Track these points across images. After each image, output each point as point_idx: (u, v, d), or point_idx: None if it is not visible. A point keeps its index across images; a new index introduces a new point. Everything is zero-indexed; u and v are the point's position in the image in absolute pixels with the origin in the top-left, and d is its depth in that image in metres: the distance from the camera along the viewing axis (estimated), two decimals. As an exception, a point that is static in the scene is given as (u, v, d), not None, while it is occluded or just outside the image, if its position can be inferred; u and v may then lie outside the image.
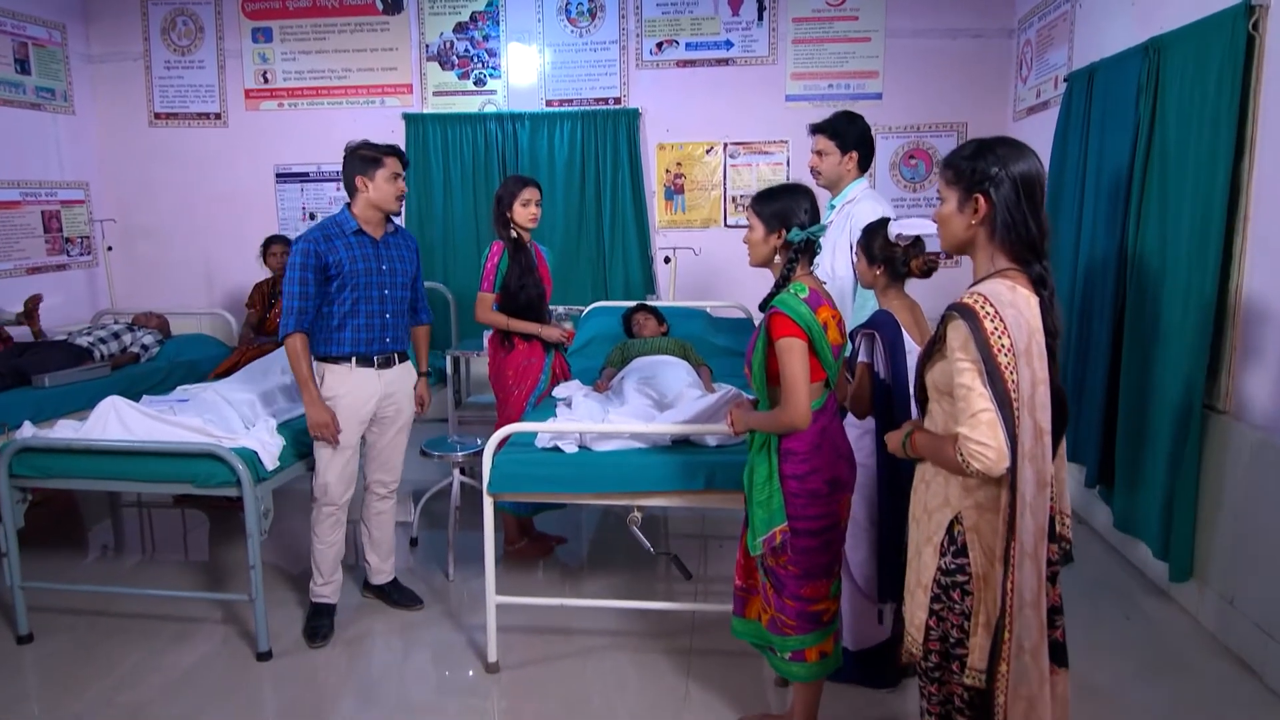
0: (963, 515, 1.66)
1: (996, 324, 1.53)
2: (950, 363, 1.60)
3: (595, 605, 3.21)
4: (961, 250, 1.72)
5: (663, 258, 5.41)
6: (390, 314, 3.05)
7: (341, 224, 2.96)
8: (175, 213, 6.03)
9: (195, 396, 3.48)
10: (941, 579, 1.69)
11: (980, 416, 1.53)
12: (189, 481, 2.86)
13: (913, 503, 1.83)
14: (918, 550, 1.76)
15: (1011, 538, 1.56)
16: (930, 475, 1.75)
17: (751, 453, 2.19)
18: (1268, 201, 2.81)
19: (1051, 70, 4.70)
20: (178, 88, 5.95)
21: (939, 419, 1.72)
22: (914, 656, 1.78)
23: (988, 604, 1.63)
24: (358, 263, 2.94)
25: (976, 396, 1.54)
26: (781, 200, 2.17)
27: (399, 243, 3.10)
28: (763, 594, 2.29)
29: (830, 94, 5.54)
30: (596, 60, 5.65)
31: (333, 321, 2.96)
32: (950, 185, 1.68)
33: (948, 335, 1.61)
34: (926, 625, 1.72)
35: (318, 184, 5.94)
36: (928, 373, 1.72)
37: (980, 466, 1.53)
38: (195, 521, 4.34)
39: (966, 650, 1.67)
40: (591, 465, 2.72)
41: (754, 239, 2.21)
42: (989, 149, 1.64)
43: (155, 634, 3.11)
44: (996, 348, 1.52)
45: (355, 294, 2.94)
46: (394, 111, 5.78)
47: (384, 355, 3.07)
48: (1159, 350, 3.27)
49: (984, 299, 1.56)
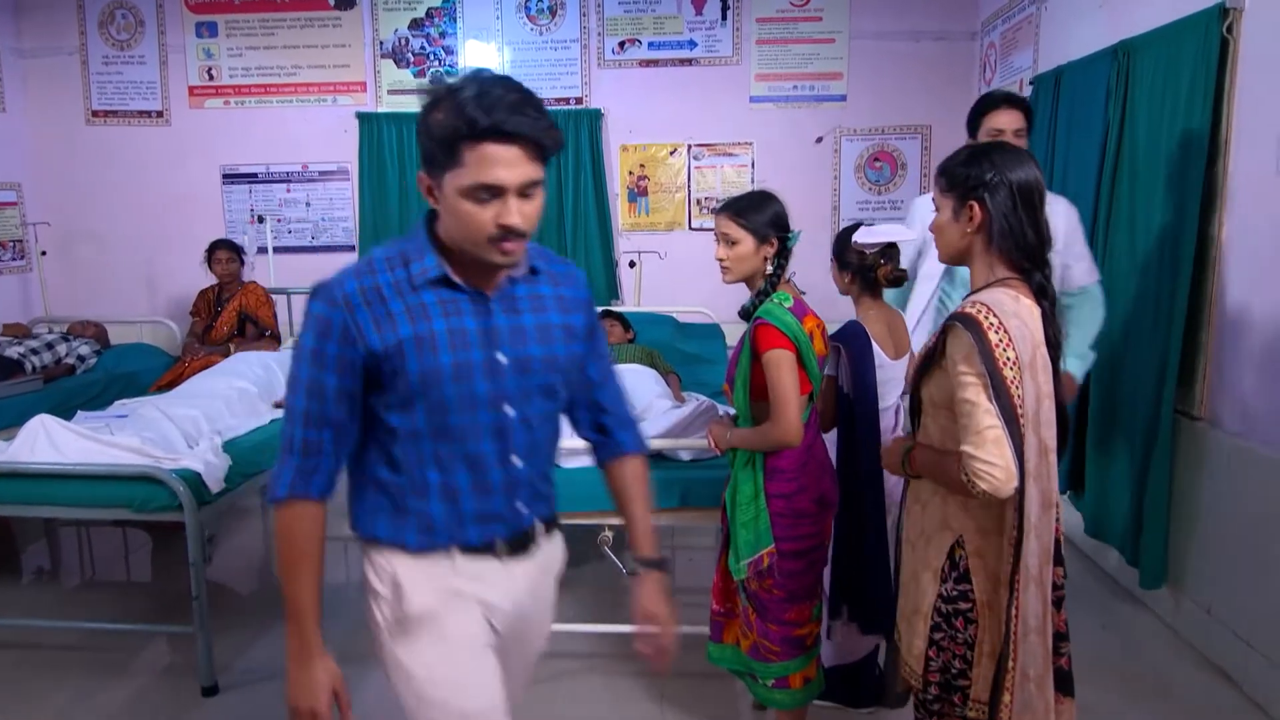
0: (964, 539, 1.57)
1: (1001, 335, 1.44)
2: (951, 376, 1.50)
3: (564, 629, 3.07)
4: (959, 260, 1.64)
5: (627, 262, 5.29)
6: (523, 452, 1.45)
7: (410, 260, 1.39)
8: (115, 215, 5.74)
9: (134, 412, 3.28)
10: (942, 606, 1.59)
11: (986, 434, 1.43)
12: (125, 506, 2.66)
13: (906, 525, 1.73)
14: (914, 575, 1.66)
15: (1016, 561, 1.47)
16: (927, 496, 1.65)
17: (734, 470, 2.08)
18: (1243, 206, 2.78)
19: (1016, 73, 4.69)
20: (117, 84, 5.67)
21: (934, 434, 1.63)
22: (913, 688, 1.68)
23: (992, 632, 1.55)
24: (443, 350, 1.34)
25: (982, 412, 1.44)
26: (769, 208, 2.05)
27: (542, 295, 1.46)
28: (743, 618, 2.18)
29: (795, 95, 5.48)
30: (557, 59, 5.51)
31: (404, 474, 1.42)
32: (945, 193, 1.60)
33: (948, 346, 1.51)
34: (926, 655, 1.62)
35: (267, 185, 5.71)
36: (924, 386, 1.62)
37: (987, 487, 1.43)
38: (138, 542, 4.11)
39: (969, 681, 1.57)
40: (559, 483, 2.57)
41: (742, 253, 2.04)
42: (983, 155, 1.56)
43: (89, 667, 2.90)
44: (1001, 360, 1.43)
45: (442, 416, 1.37)
46: (347, 111, 5.58)
47: (514, 535, 1.50)
48: (1129, 356, 3.25)
49: (987, 308, 1.47)
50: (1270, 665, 2.57)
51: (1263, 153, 2.67)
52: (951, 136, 5.44)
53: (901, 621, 1.72)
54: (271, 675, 2.85)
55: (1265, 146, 2.66)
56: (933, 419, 1.63)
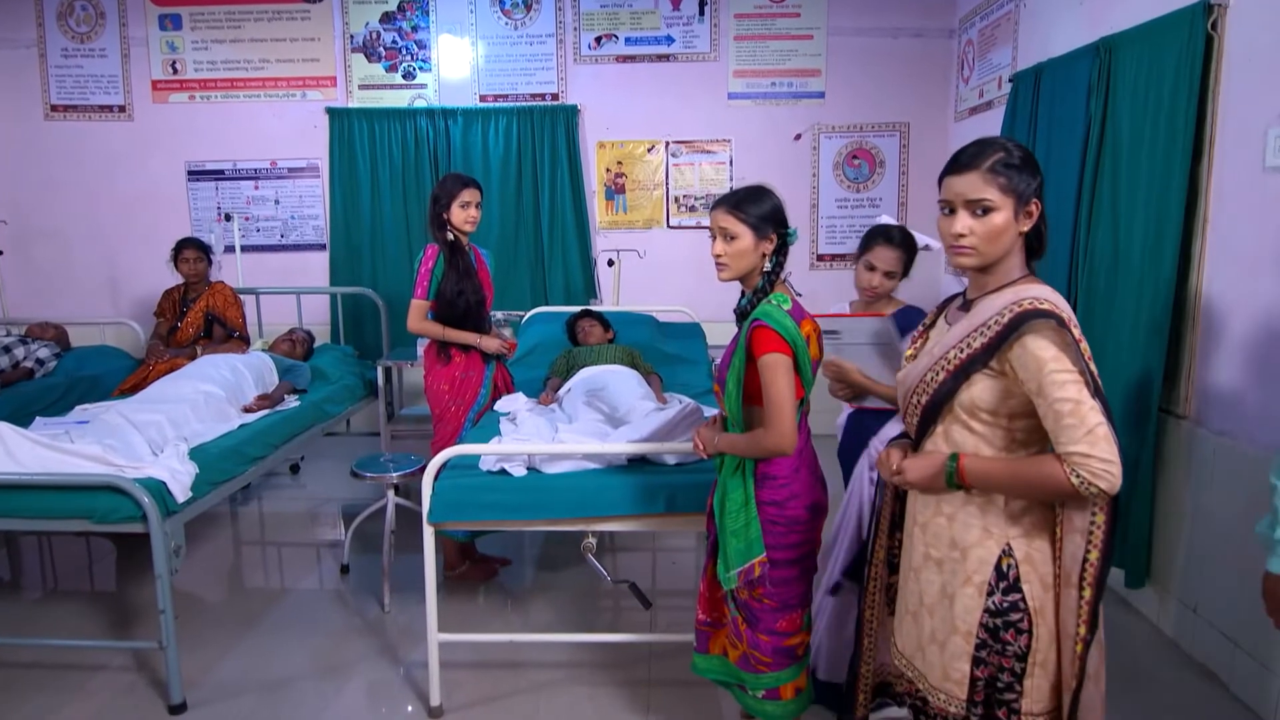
0: (1011, 547, 1.51)
1: (1078, 331, 1.42)
2: (1034, 377, 1.42)
3: (546, 640, 3.00)
4: (995, 262, 1.54)
5: (606, 260, 5.22)
6: None
7: None
8: (75, 213, 5.57)
9: (96, 418, 3.15)
10: (989, 621, 1.51)
11: (1098, 431, 1.37)
12: (86, 517, 2.54)
13: (922, 541, 1.63)
14: (946, 594, 1.57)
15: (1091, 558, 1.44)
16: (954, 507, 1.56)
17: (724, 475, 2.01)
18: (1228, 203, 2.77)
19: (995, 70, 4.67)
20: (77, 78, 5.49)
21: (966, 442, 1.53)
22: (954, 715, 1.58)
23: (1043, 640, 1.49)
24: None
25: (1089, 410, 1.38)
26: (768, 201, 1.96)
27: None
28: (733, 629, 2.12)
29: (773, 93, 5.43)
30: (533, 54, 5.42)
31: None
32: (1005, 193, 1.47)
33: (1027, 345, 1.42)
34: (972, 676, 1.53)
35: (234, 182, 5.56)
36: (961, 390, 1.52)
37: (1106, 486, 1.37)
38: (102, 551, 3.97)
39: (1017, 694, 1.50)
40: (542, 489, 2.51)
41: (740, 248, 1.94)
42: (1025, 149, 1.51)
43: (49, 685, 2.78)
44: (1088, 355, 1.41)
45: None
46: (316, 106, 5.45)
47: None
48: (1111, 355, 3.23)
49: (1053, 304, 1.43)
50: (1256, 664, 2.56)
51: (1249, 150, 2.66)
52: (930, 134, 5.45)
53: (927, 645, 1.60)
54: (242, 691, 2.75)
55: (1251, 144, 2.64)
56: (963, 426, 1.54)
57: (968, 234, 1.50)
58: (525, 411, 3.11)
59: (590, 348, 3.77)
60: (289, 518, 4.47)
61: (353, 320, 5.48)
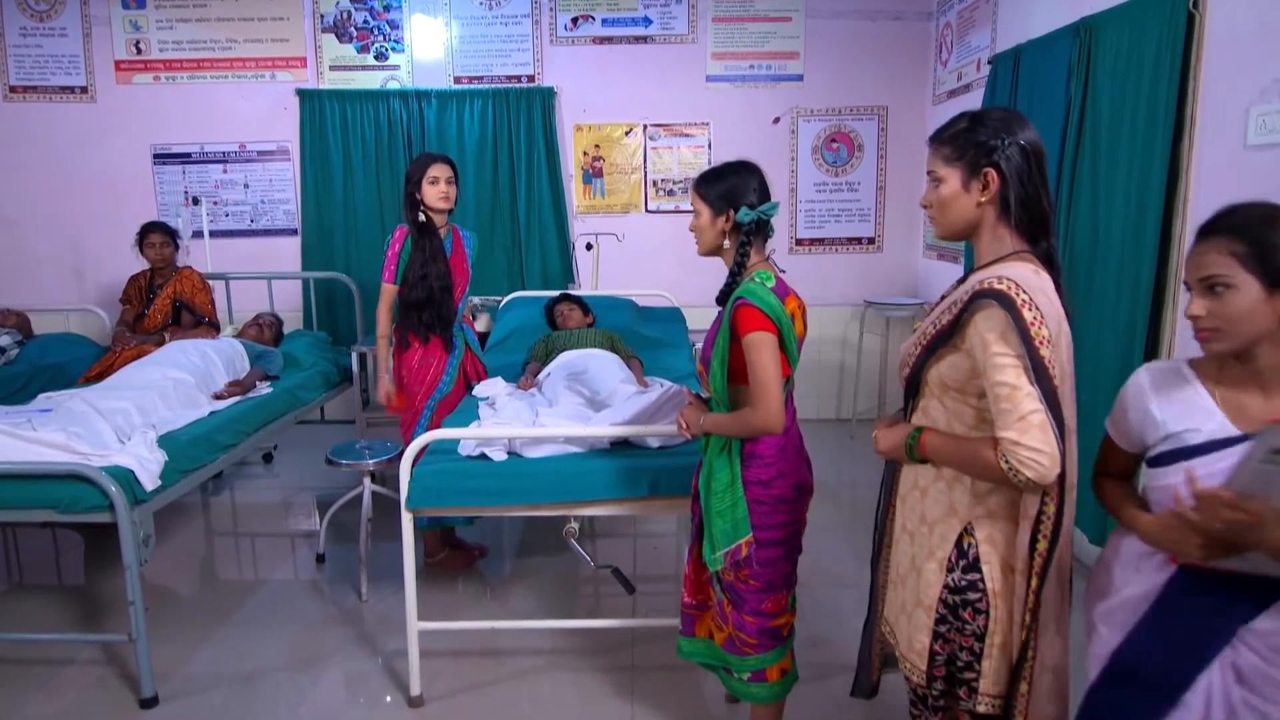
0: (974, 525, 1.49)
1: (1034, 313, 1.35)
2: (979, 356, 1.40)
3: (527, 627, 2.96)
4: (962, 235, 1.53)
5: (584, 244, 5.16)
6: None
7: None
8: (37, 198, 5.40)
9: (60, 406, 3.05)
10: (949, 598, 1.50)
11: (1030, 419, 1.34)
12: (50, 507, 2.46)
13: (902, 513, 1.64)
14: (914, 567, 1.58)
15: (1041, 548, 1.40)
16: (927, 482, 1.56)
17: (709, 456, 1.98)
18: (1208, 184, 2.77)
19: (973, 53, 4.66)
20: (36, 58, 5.32)
21: (939, 417, 1.53)
22: (913, 684, 1.60)
23: (1003, 622, 1.47)
24: None
25: (1024, 396, 1.34)
26: (728, 179, 1.96)
27: None
28: (718, 611, 2.09)
29: (751, 75, 5.39)
30: (508, 35, 5.33)
31: None
32: (950, 163, 1.48)
33: (976, 325, 1.40)
34: (931, 650, 1.53)
35: (201, 165, 5.42)
36: (931, 365, 1.51)
37: (1034, 475, 1.34)
38: (69, 543, 3.87)
39: (976, 674, 1.49)
40: (523, 474, 2.46)
41: (701, 224, 1.98)
42: (986, 117, 1.47)
43: (15, 680, 2.69)
44: (1038, 340, 1.34)
45: None
46: (286, 87, 5.32)
47: None
48: (1091, 336, 3.24)
49: (1015, 285, 1.37)
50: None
51: (1230, 128, 2.66)
52: (908, 118, 5.43)
53: (899, 616, 1.63)
54: (214, 684, 2.69)
55: (1233, 122, 2.64)
56: (938, 401, 1.53)
57: (928, 205, 1.54)
58: (505, 396, 3.06)
59: (570, 332, 3.72)
60: (262, 507, 4.39)
61: (326, 306, 5.38)
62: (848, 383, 5.61)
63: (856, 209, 5.54)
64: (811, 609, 3.05)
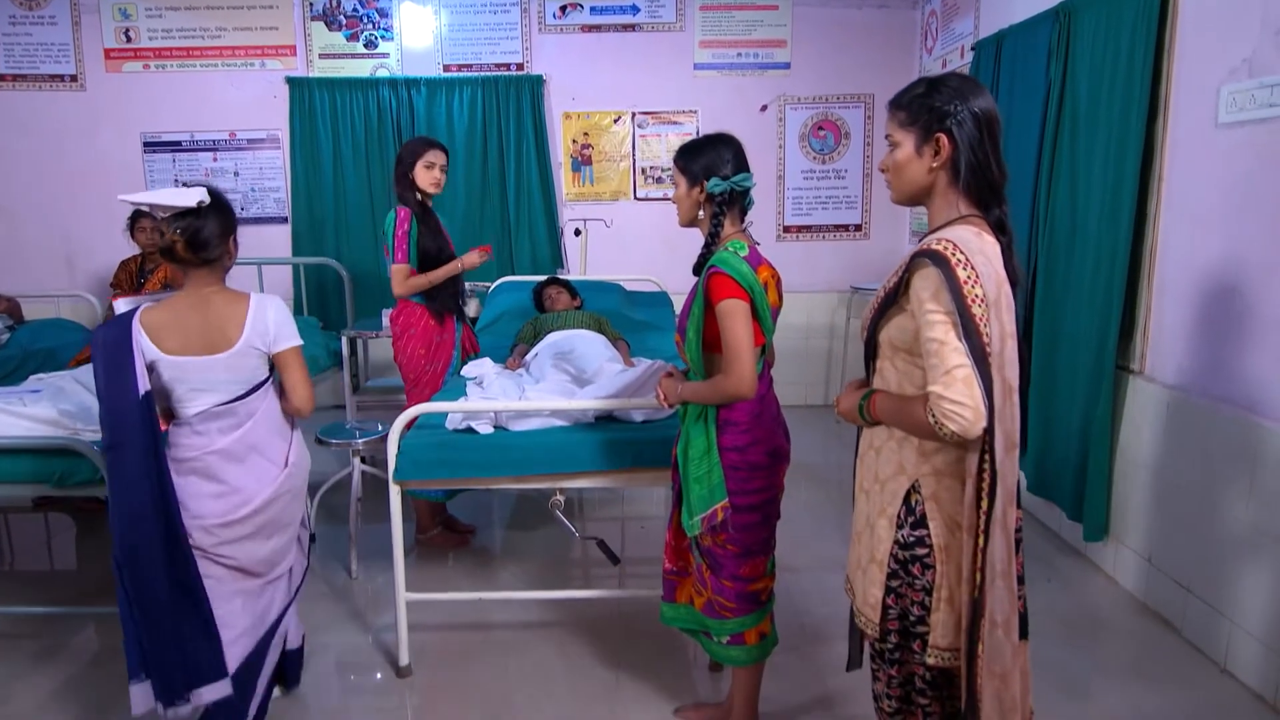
0: (920, 483, 1.54)
1: (969, 272, 1.40)
2: (917, 315, 1.46)
3: (515, 597, 3.01)
4: (917, 200, 1.59)
5: (573, 229, 5.20)
6: None
7: None
8: (28, 186, 5.42)
9: (50, 386, 3.07)
10: (899, 553, 1.56)
11: (955, 373, 1.39)
12: (44, 482, 2.50)
13: (860, 473, 1.70)
14: (869, 524, 1.63)
15: (981, 506, 1.45)
16: (881, 441, 1.62)
17: (686, 425, 2.03)
18: (1182, 162, 2.83)
19: (957, 40, 4.71)
20: (25, 46, 5.33)
21: (891, 379, 1.59)
22: (869, 637, 1.66)
23: (950, 578, 1.52)
24: None
25: (950, 351, 1.40)
26: (704, 151, 2.01)
27: None
28: (697, 576, 2.14)
29: (739, 63, 5.43)
30: (497, 23, 5.36)
31: None
32: (905, 127, 1.54)
33: (913, 284, 1.47)
34: (884, 604, 1.59)
35: (191, 153, 5.45)
36: (882, 327, 1.57)
37: (956, 428, 1.40)
38: (60, 526, 3.90)
39: (928, 628, 1.55)
40: (509, 447, 2.51)
41: (679, 195, 2.05)
42: (942, 84, 1.51)
43: (11, 654, 2.73)
44: (970, 298, 1.39)
45: None
46: (276, 75, 5.35)
47: None
48: (1069, 312, 3.30)
49: (953, 245, 1.42)
50: (1208, 609, 2.64)
51: (1201, 108, 2.71)
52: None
53: (856, 572, 1.68)
54: (208, 656, 2.72)
55: (1204, 102, 2.70)
56: (890, 363, 1.59)
57: (885, 169, 1.61)
58: (493, 375, 3.10)
59: (557, 314, 3.76)
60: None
61: (316, 291, 5.41)
62: (835, 369, 5.66)
63: (843, 196, 5.59)
64: (797, 588, 3.10)
